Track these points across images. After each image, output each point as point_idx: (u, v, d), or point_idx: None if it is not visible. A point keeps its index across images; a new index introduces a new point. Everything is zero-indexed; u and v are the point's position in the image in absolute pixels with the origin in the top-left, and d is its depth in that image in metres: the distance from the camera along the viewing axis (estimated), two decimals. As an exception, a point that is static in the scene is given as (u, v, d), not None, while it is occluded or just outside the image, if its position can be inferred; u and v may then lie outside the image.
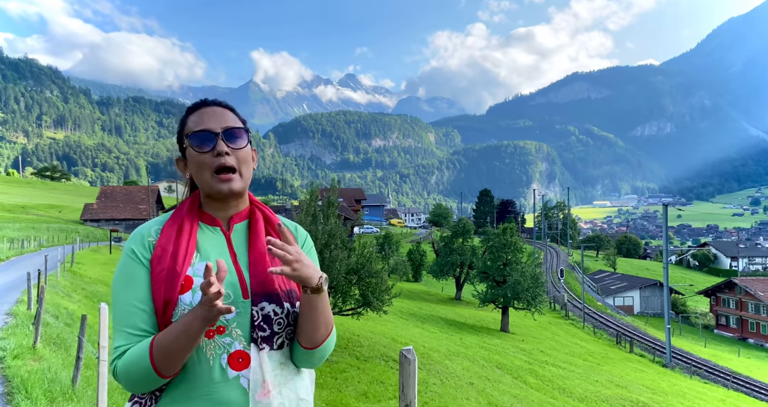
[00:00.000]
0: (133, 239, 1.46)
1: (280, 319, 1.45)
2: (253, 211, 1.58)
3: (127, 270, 1.40)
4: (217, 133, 1.45)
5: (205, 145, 1.44)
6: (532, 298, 26.82)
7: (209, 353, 1.36)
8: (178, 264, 1.38)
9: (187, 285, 1.38)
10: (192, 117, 1.50)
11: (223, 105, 1.54)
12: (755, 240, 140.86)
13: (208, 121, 1.47)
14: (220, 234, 1.51)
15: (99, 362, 4.32)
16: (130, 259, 1.42)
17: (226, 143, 1.45)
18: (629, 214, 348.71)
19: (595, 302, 51.19)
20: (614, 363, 25.19)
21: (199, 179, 1.47)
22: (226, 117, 1.49)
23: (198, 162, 1.45)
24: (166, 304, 1.35)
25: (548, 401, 13.92)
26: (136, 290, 1.37)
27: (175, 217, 1.49)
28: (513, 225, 30.73)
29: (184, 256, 1.40)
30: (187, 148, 1.48)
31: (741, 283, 51.32)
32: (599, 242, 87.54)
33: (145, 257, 1.41)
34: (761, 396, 25.32)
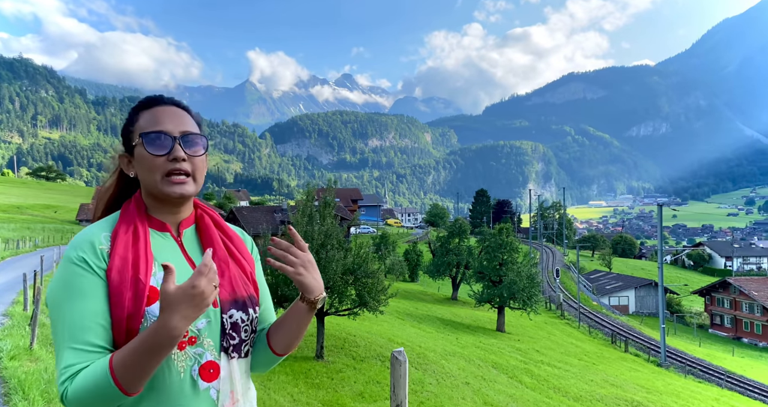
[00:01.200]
0: (80, 247, 1.29)
1: (247, 326, 1.40)
2: (200, 215, 1.50)
3: (77, 282, 1.24)
4: (175, 137, 1.35)
5: (161, 148, 1.34)
6: (527, 298, 26.91)
7: (180, 365, 1.28)
8: (141, 274, 1.27)
9: (153, 296, 1.28)
10: (145, 114, 1.39)
11: (181, 106, 1.44)
12: (749, 240, 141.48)
13: (165, 121, 1.37)
14: (171, 240, 1.41)
15: None
16: (81, 269, 1.26)
17: (183, 148, 1.35)
18: (625, 214, 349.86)
19: (591, 301, 51.37)
20: (609, 363, 25.31)
21: (148, 181, 1.36)
22: (184, 120, 1.40)
23: (150, 165, 1.34)
24: (130, 317, 1.24)
25: (543, 400, 14.00)
26: (90, 304, 1.23)
27: (126, 222, 1.36)
28: (509, 225, 30.82)
29: (145, 265, 1.29)
30: (137, 146, 1.37)
31: (735, 283, 51.61)
32: (595, 242, 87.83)
33: (100, 268, 1.27)
34: (755, 395, 25.50)
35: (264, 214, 49.56)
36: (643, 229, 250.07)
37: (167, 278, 1.12)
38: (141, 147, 1.35)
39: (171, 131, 1.35)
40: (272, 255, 1.42)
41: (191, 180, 1.37)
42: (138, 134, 1.36)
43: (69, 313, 1.21)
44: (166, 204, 1.40)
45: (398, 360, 2.12)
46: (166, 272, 1.13)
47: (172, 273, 1.13)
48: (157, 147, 1.33)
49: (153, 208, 1.41)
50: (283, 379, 9.94)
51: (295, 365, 11.12)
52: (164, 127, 1.35)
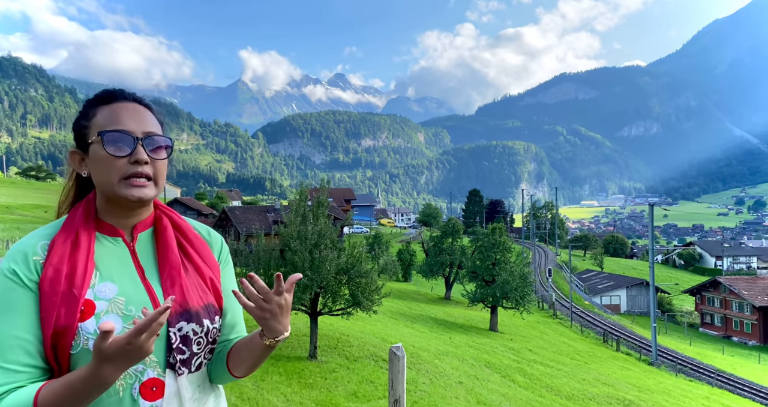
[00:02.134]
0: (13, 258, 1.20)
1: (200, 338, 1.29)
2: (158, 217, 1.37)
3: (7, 295, 1.15)
4: (137, 137, 1.24)
5: (121, 149, 1.22)
6: (520, 297, 27.06)
7: (119, 383, 1.18)
8: (75, 286, 1.16)
9: (88, 311, 1.17)
10: (104, 109, 1.27)
11: (143, 103, 1.32)
12: (739, 240, 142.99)
13: (126, 120, 1.25)
14: (122, 246, 1.29)
15: None
16: (12, 282, 1.16)
17: (146, 150, 1.24)
18: (616, 214, 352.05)
19: (583, 301, 51.68)
20: (601, 362, 25.48)
21: (103, 182, 1.24)
22: (147, 119, 1.29)
23: (108, 166, 1.22)
24: (61, 333, 1.13)
25: (536, 399, 14.08)
26: (19, 319, 1.13)
27: (68, 229, 1.24)
28: (502, 225, 30.96)
29: (82, 277, 1.18)
30: (93, 144, 1.24)
31: (725, 282, 52.10)
32: (587, 242, 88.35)
33: (31, 280, 1.17)
34: (744, 393, 25.76)
35: (256, 214, 49.44)
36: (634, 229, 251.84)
37: (103, 336, 1.00)
38: (99, 146, 1.23)
39: (133, 131, 1.24)
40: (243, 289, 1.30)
41: (152, 184, 1.26)
42: (95, 131, 1.24)
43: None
44: (121, 208, 1.28)
45: (396, 355, 2.15)
46: (103, 333, 0.99)
47: (110, 334, 1.00)
48: (118, 148, 1.22)
49: (105, 211, 1.29)
50: (276, 379, 9.94)
51: (288, 365, 11.13)
52: (126, 126, 1.24)
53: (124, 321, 1.19)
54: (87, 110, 1.29)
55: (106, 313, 1.18)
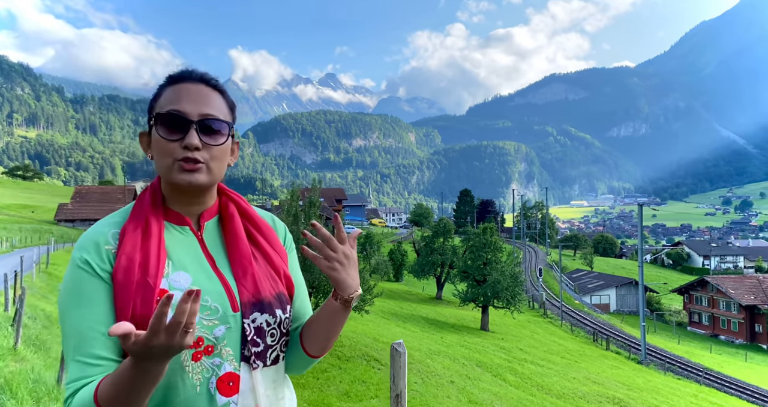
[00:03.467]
0: (85, 248, 1.16)
1: (273, 330, 1.24)
2: (224, 204, 1.32)
3: (81, 287, 1.12)
4: (191, 121, 1.17)
5: (174, 132, 1.17)
6: (511, 297, 27.19)
7: (195, 377, 1.14)
8: (150, 276, 1.13)
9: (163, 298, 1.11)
10: (168, 90, 1.22)
11: (211, 83, 1.24)
12: (726, 239, 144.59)
13: (184, 101, 1.18)
14: (190, 235, 1.25)
15: None
16: (84, 272, 1.13)
17: (199, 135, 1.17)
18: (606, 214, 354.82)
19: (573, 300, 52.03)
20: (591, 360, 25.69)
21: (159, 165, 1.19)
22: (208, 100, 1.21)
23: (162, 149, 1.18)
24: (137, 324, 1.08)
25: (527, 398, 14.18)
26: (93, 311, 1.10)
27: (137, 217, 1.20)
28: (493, 225, 31.11)
29: (156, 265, 1.14)
30: (153, 127, 1.20)
31: (713, 281, 52.70)
32: (576, 242, 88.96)
33: (104, 270, 1.13)
34: (731, 390, 26.09)
35: (247, 214, 49.20)
36: (623, 228, 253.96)
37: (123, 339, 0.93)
38: (155, 128, 1.19)
39: (188, 113, 1.17)
40: (308, 243, 1.23)
41: (205, 168, 1.19)
42: (156, 112, 1.20)
43: (74, 322, 1.09)
44: (181, 193, 1.23)
45: (398, 351, 2.22)
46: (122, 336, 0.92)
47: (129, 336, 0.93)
48: (170, 130, 1.17)
49: (171, 198, 1.25)
50: (270, 379, 9.93)
51: (281, 365, 11.11)
52: (182, 107, 1.17)
53: (200, 312, 1.15)
54: (158, 90, 1.25)
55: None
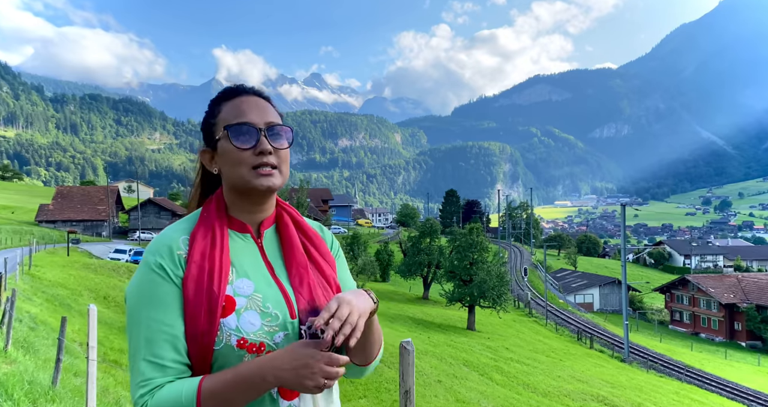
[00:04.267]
0: (159, 251, 1.21)
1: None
2: (279, 214, 1.39)
3: (155, 289, 1.17)
4: (261, 128, 1.26)
5: (247, 141, 1.25)
6: (497, 296, 27.43)
7: None
8: (215, 284, 1.18)
9: (229, 307, 1.19)
10: (227, 105, 1.30)
11: (264, 96, 1.35)
12: (706, 239, 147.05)
13: (249, 113, 1.27)
14: (251, 243, 1.31)
15: (88, 362, 4.34)
16: (158, 276, 1.18)
17: (269, 140, 1.26)
18: (589, 214, 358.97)
19: (557, 299, 52.60)
20: (576, 359, 26.04)
21: (234, 175, 1.26)
22: (268, 110, 1.31)
23: (236, 158, 1.24)
24: (206, 330, 1.15)
25: (513, 396, 14.37)
26: (166, 314, 1.16)
27: (206, 224, 1.26)
28: (479, 225, 31.37)
29: (220, 273, 1.20)
30: (221, 140, 1.27)
31: (693, 280, 53.67)
32: (561, 242, 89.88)
33: (177, 275, 1.19)
34: (712, 388, 26.63)
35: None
36: (606, 228, 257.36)
37: (313, 344, 1.09)
38: (225, 140, 1.26)
39: (256, 123, 1.27)
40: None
41: (278, 173, 1.27)
42: (222, 126, 1.27)
43: (145, 322, 1.15)
44: (251, 201, 1.30)
45: (407, 349, 2.35)
46: (323, 342, 1.08)
47: (325, 342, 1.09)
48: (243, 140, 1.25)
49: (234, 207, 1.31)
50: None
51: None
52: (249, 118, 1.26)
53: (262, 318, 1.20)
54: (213, 107, 1.32)
55: (246, 309, 1.19)
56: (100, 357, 7.53)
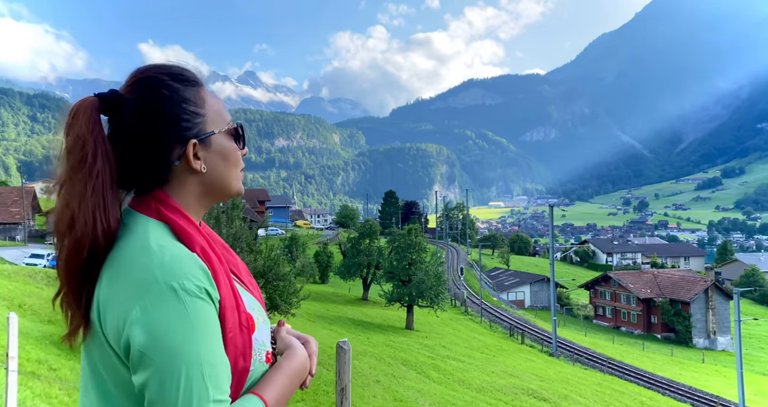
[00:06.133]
0: (194, 274, 0.97)
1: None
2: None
3: (209, 319, 0.96)
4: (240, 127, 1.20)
5: (239, 143, 1.17)
6: (435, 296, 27.97)
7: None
8: (238, 299, 1.05)
9: (252, 323, 1.08)
10: (210, 97, 1.14)
11: None
12: (627, 237, 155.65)
13: (225, 110, 1.17)
14: None
15: (8, 373, 4.19)
16: (206, 303, 0.97)
17: None
18: (520, 214, 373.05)
19: (492, 297, 54.30)
20: (508, 355, 27.01)
21: (226, 177, 1.12)
22: None
23: (236, 159, 1.14)
24: (244, 352, 1.03)
25: (449, 393, 14.73)
26: (221, 344, 0.98)
27: (197, 234, 1.07)
28: (417, 226, 31.89)
29: (235, 288, 1.07)
30: (219, 135, 1.11)
31: (615, 277, 57.03)
32: (495, 241, 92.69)
33: (216, 299, 1.00)
34: (631, 378, 28.44)
35: (163, 216, 46.91)
36: (536, 228, 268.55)
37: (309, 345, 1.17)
38: (226, 138, 1.12)
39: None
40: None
41: None
42: (219, 120, 1.12)
43: (210, 359, 0.94)
44: (210, 204, 1.18)
45: (343, 349, 2.48)
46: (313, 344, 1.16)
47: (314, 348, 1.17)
48: (242, 140, 1.17)
49: (194, 213, 1.12)
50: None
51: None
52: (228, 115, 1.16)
53: (266, 327, 1.16)
54: (191, 94, 1.10)
55: (257, 322, 1.10)
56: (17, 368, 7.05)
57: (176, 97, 1.07)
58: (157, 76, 1.08)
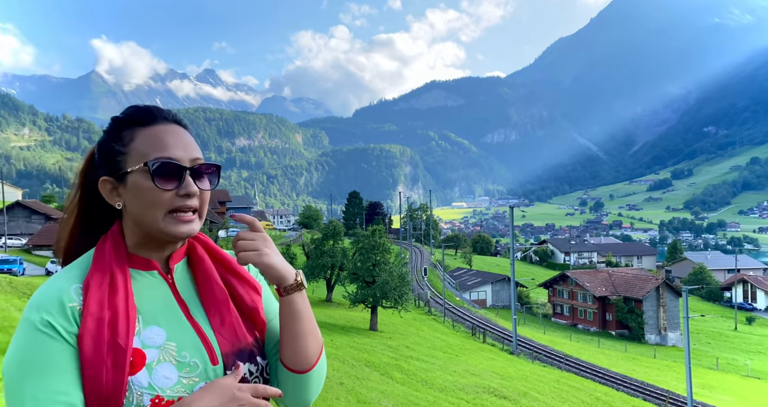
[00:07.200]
0: (44, 307, 0.99)
1: (257, 378, 1.15)
2: (191, 245, 1.21)
3: (42, 353, 0.95)
4: (185, 167, 1.10)
5: (170, 180, 1.07)
6: (399, 296, 28.13)
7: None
8: (120, 336, 1.00)
9: (138, 362, 1.01)
10: (143, 133, 1.11)
11: (183, 123, 1.18)
12: (583, 237, 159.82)
13: (173, 147, 1.10)
14: (159, 280, 1.14)
15: None
16: (46, 336, 0.97)
17: (194, 181, 1.10)
18: (483, 215, 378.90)
19: (455, 297, 55.00)
20: (470, 354, 27.47)
21: (144, 216, 1.08)
22: (192, 145, 1.14)
23: (152, 199, 1.06)
24: (111, 392, 0.97)
25: (412, 393, 14.91)
26: (59, 380, 0.95)
27: (100, 268, 1.06)
28: (381, 227, 32.02)
29: (126, 323, 1.02)
30: (133, 173, 1.08)
31: (572, 275, 58.76)
32: (457, 242, 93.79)
33: (70, 333, 0.98)
34: (587, 374, 29.39)
35: (119, 218, 45.46)
36: (498, 228, 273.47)
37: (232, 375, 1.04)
38: (142, 176, 1.07)
39: (181, 159, 1.09)
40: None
41: (197, 217, 1.12)
42: (137, 158, 1.08)
43: (32, 395, 0.92)
44: (161, 243, 1.13)
45: None
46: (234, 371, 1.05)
47: (239, 374, 1.04)
48: (166, 179, 1.07)
49: (138, 245, 1.13)
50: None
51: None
52: (173, 154, 1.09)
53: (179, 370, 1.05)
54: (119, 131, 1.12)
55: (159, 362, 1.03)
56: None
57: (111, 137, 1.12)
58: (114, 118, 1.15)
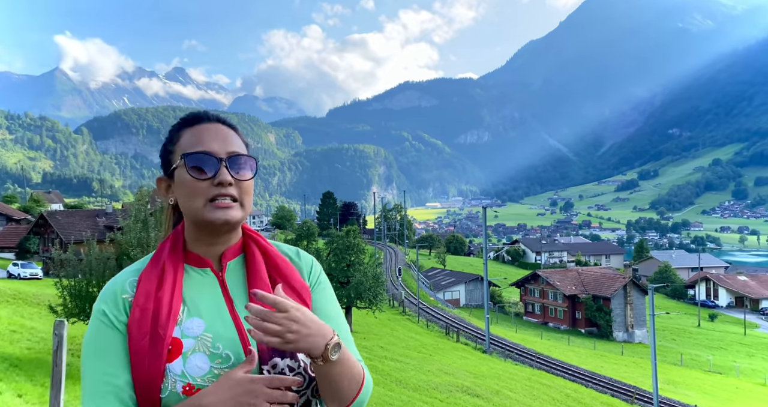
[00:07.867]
0: (104, 297, 1.17)
1: (298, 375, 1.17)
2: (247, 243, 1.30)
3: (98, 338, 1.13)
4: (221, 158, 1.20)
5: (205, 171, 1.18)
6: (373, 297, 28.12)
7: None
8: (160, 326, 1.11)
9: (175, 350, 1.11)
10: (187, 132, 1.25)
11: (228, 123, 1.30)
12: (554, 237, 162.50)
13: (209, 141, 1.21)
14: (210, 277, 1.24)
15: None
16: (102, 324, 1.14)
17: (230, 171, 1.19)
18: (456, 215, 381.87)
19: (429, 297, 55.26)
20: (444, 353, 27.62)
21: (189, 207, 1.20)
22: (231, 139, 1.25)
23: (192, 189, 1.18)
24: (150, 377, 1.08)
25: (386, 394, 14.89)
26: (109, 364, 1.09)
27: (154, 263, 1.21)
28: (355, 227, 31.97)
29: (167, 314, 1.13)
30: (178, 168, 1.21)
31: (543, 275, 59.70)
32: (431, 242, 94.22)
33: (120, 321, 1.14)
34: (557, 372, 29.88)
35: (84, 219, 44.33)
36: (471, 228, 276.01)
37: (243, 365, 1.06)
38: (182, 170, 1.20)
39: (216, 152, 1.20)
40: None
41: (238, 205, 1.20)
42: (179, 154, 1.22)
43: (90, 373, 1.10)
44: (210, 234, 1.23)
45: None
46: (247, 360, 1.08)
47: (252, 363, 1.07)
48: (201, 170, 1.18)
49: (194, 240, 1.25)
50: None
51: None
52: (209, 147, 1.20)
53: (211, 361, 1.12)
54: (172, 134, 1.28)
55: (193, 352, 1.12)
56: None
57: (166, 140, 1.29)
58: (173, 125, 1.33)
